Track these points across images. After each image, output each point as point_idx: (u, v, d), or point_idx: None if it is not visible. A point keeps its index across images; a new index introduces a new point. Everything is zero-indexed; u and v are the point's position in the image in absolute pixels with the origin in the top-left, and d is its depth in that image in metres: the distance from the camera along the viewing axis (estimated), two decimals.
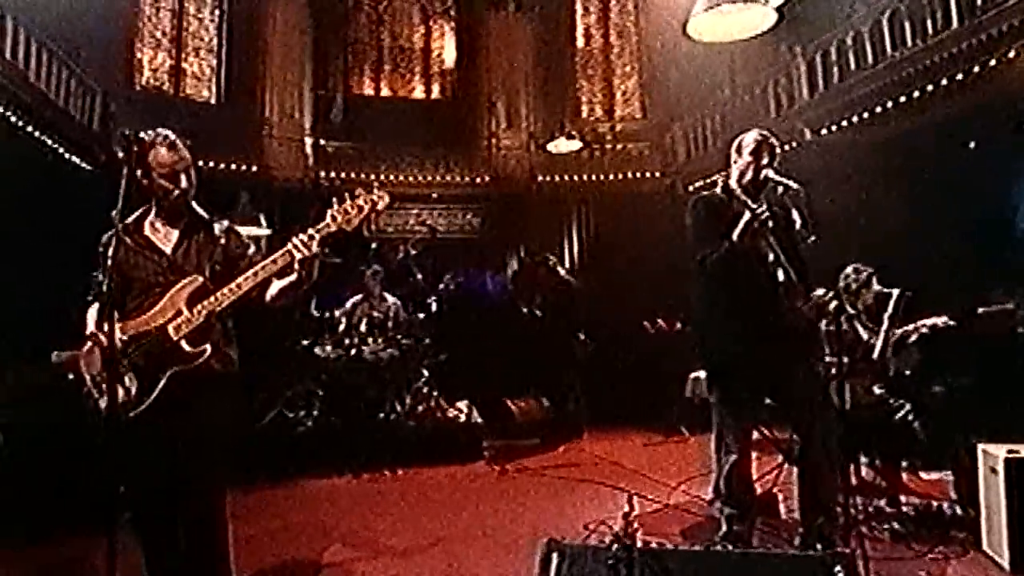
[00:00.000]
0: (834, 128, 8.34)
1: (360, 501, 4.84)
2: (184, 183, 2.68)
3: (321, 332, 5.97)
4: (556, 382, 6.80)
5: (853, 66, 8.06)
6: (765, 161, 3.06)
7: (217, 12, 11.66)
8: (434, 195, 12.55)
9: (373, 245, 6.68)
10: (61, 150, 9.07)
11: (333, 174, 12.05)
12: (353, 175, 12.09)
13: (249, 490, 4.65)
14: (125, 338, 2.56)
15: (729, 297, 3.06)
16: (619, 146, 12.44)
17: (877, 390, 4.10)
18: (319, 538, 3.93)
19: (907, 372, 4.05)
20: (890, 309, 4.25)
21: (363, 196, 2.63)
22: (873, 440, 4.14)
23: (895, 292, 4.34)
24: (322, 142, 12.17)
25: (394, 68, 12.83)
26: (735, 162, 3.19)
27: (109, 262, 2.44)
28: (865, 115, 7.91)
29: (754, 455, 3.25)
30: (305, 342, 5.93)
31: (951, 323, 4.15)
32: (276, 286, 2.67)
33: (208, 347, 2.61)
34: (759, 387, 3.12)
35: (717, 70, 10.66)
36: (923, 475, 4.50)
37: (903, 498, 4.08)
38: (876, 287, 4.49)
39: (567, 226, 12.49)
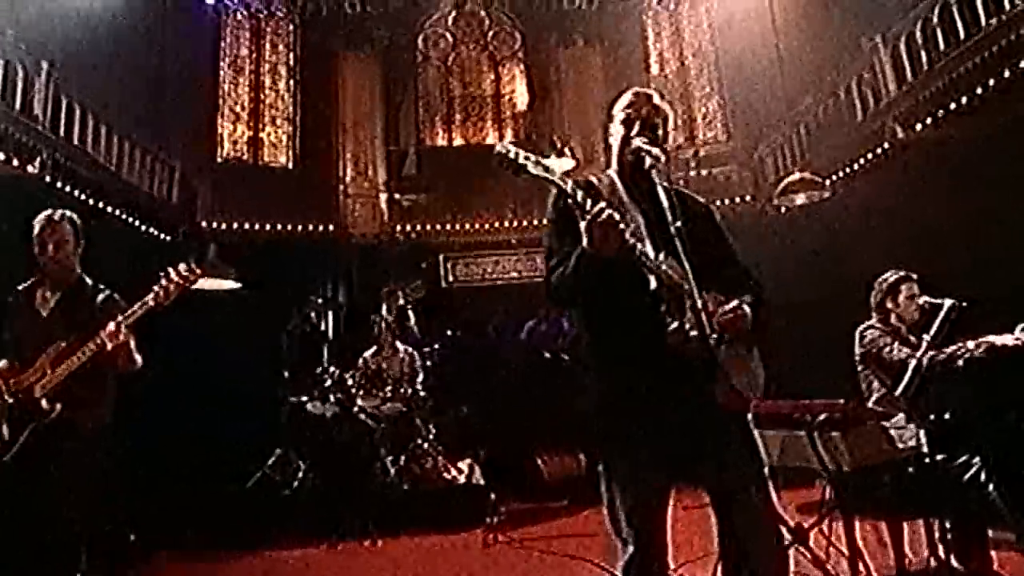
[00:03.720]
0: (928, 121, 7.05)
1: (332, 574, 4.32)
2: (52, 253, 2.97)
3: (317, 387, 5.57)
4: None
5: (943, 44, 6.81)
6: (636, 129, 2.29)
7: (292, 81, 12.08)
8: (512, 240, 12.13)
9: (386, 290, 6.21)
10: (144, 226, 9.53)
11: (409, 227, 11.99)
12: (429, 227, 12.01)
13: (216, 556, 4.39)
14: (6, 390, 2.87)
15: (600, 323, 2.28)
16: (704, 172, 11.46)
17: (909, 432, 3.02)
18: None
19: (951, 410, 2.94)
20: (935, 325, 3.19)
21: (175, 272, 2.88)
22: (928, 502, 3.06)
23: (946, 303, 3.28)
24: (396, 196, 12.16)
25: (465, 117, 12.70)
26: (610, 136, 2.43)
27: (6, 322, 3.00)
28: (963, 100, 6.60)
29: None
30: (301, 398, 5.54)
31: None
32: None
33: (58, 405, 2.80)
34: (654, 440, 2.23)
35: (798, 78, 9.60)
36: None
37: None
38: (922, 298, 3.44)
39: None
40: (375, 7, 11.85)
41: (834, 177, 8.52)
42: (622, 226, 2.00)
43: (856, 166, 8.25)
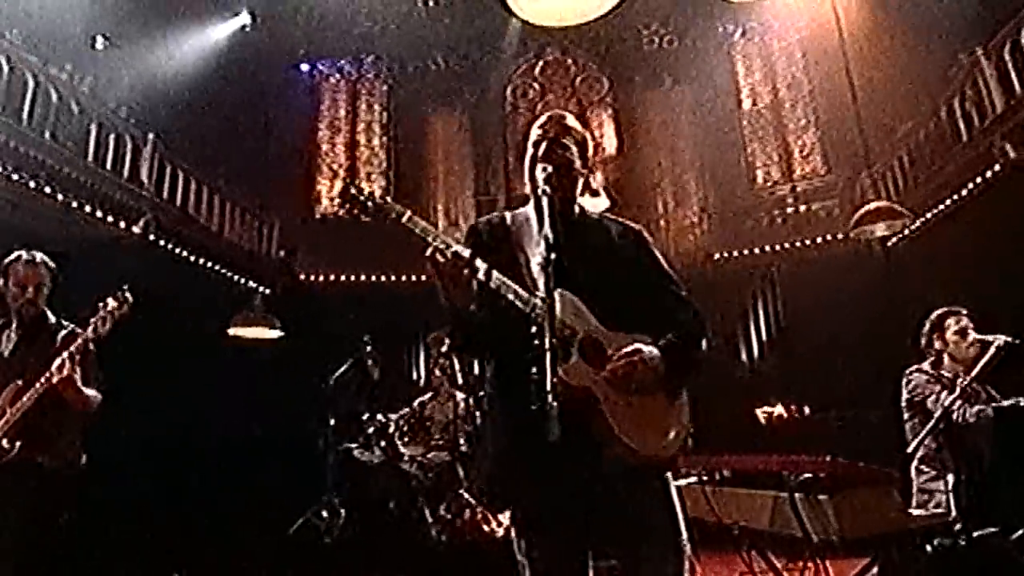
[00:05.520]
0: None
1: None
2: (32, 295, 3.01)
3: (363, 434, 5.56)
4: None
5: None
6: (543, 150, 2.09)
7: (385, 137, 12.58)
8: None
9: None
10: (244, 280, 10.13)
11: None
12: None
13: None
14: None
15: (494, 374, 2.07)
16: (802, 208, 10.81)
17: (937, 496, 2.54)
18: None
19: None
20: (980, 364, 2.71)
21: (109, 304, 2.94)
22: None
23: (998, 340, 2.79)
24: None
25: None
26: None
27: None
28: None
29: None
30: (349, 445, 5.56)
31: None
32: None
33: (18, 444, 2.78)
34: (551, 505, 1.96)
35: (897, 101, 8.89)
36: None
37: None
38: (973, 335, 2.96)
39: (751, 304, 10.96)
40: (461, 63, 12.19)
41: (941, 206, 7.75)
42: (480, 270, 1.82)
43: (964, 192, 7.47)
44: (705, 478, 2.96)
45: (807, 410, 5.61)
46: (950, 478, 2.69)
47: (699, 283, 11.05)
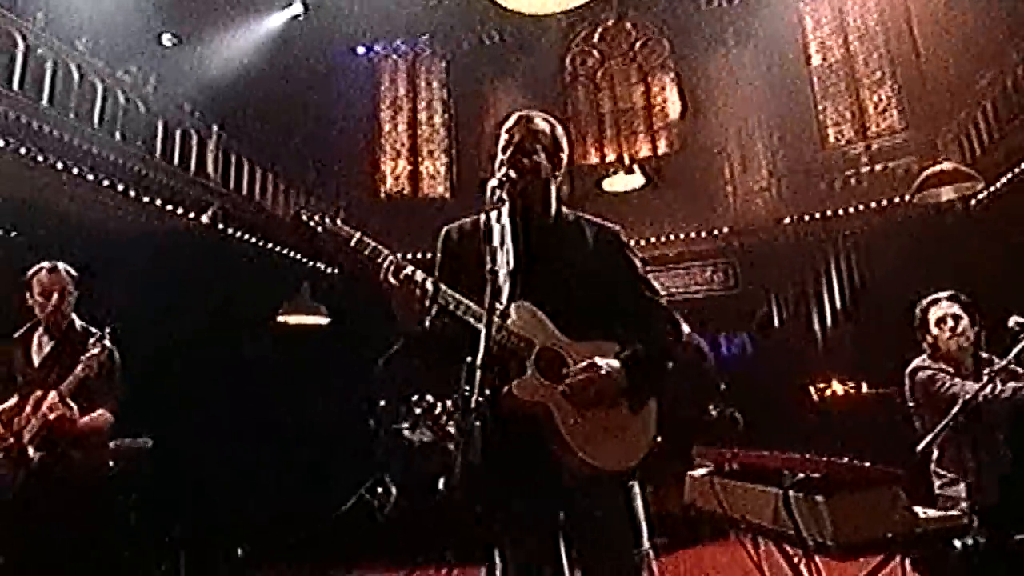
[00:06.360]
0: None
1: None
2: (57, 302, 3.09)
3: (411, 415, 5.73)
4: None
5: None
6: (508, 154, 2.06)
7: (446, 115, 12.65)
8: (670, 254, 11.65)
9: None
10: (311, 262, 10.48)
11: None
12: None
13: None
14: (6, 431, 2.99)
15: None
16: (877, 167, 10.22)
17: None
18: None
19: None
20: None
21: (95, 346, 2.98)
22: None
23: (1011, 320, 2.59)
24: None
25: (617, 132, 12.45)
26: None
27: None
28: None
29: None
30: (400, 425, 5.74)
31: None
32: None
33: (39, 454, 2.90)
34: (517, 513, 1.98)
35: (983, 47, 8.23)
36: None
37: None
38: (962, 324, 2.78)
39: (824, 270, 10.51)
40: (516, 35, 12.06)
41: None
42: (431, 289, 1.84)
43: None
44: (714, 471, 2.92)
45: (864, 387, 5.35)
46: (971, 480, 2.54)
47: (768, 250, 10.70)
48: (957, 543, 2.34)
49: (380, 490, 5.51)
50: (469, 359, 1.69)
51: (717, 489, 2.83)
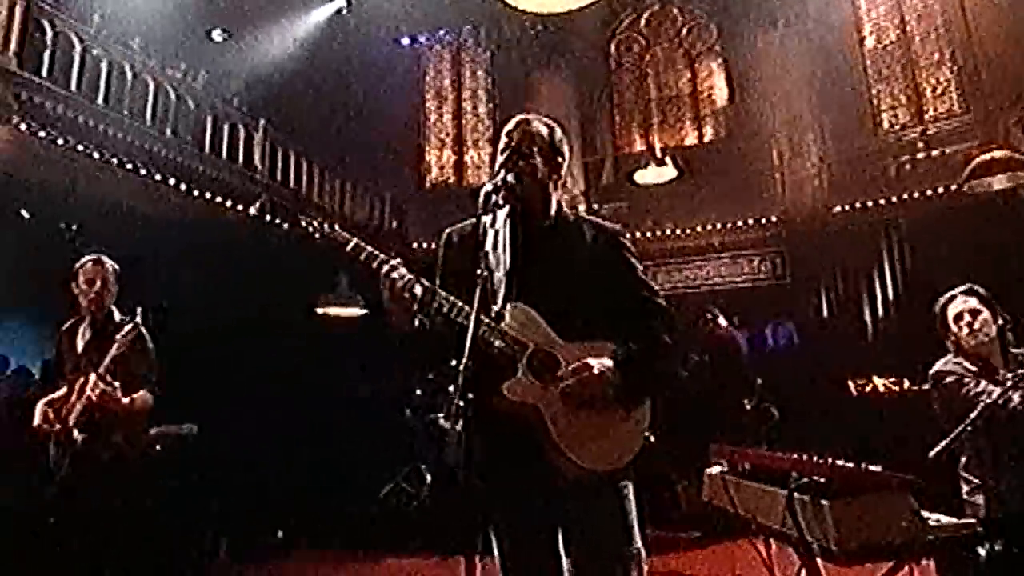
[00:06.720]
0: None
1: None
2: (99, 291, 3.26)
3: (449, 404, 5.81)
4: None
5: None
6: (504, 158, 2.09)
7: (491, 104, 12.68)
8: (716, 243, 11.49)
9: None
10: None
11: None
12: (630, 235, 11.83)
13: (339, 564, 4.87)
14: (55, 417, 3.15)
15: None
16: (935, 152, 9.83)
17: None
18: None
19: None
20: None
21: (124, 333, 3.10)
22: None
23: None
24: (595, 206, 12.11)
25: (663, 119, 12.28)
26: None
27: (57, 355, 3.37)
28: None
29: None
30: (436, 415, 5.84)
31: None
32: None
33: (82, 436, 3.07)
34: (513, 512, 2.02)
35: None
36: None
37: None
38: (980, 320, 2.68)
39: (876, 260, 10.20)
40: (561, 22, 11.97)
41: None
42: (425, 293, 1.89)
43: None
44: (727, 470, 2.91)
45: (907, 383, 5.20)
46: (994, 486, 2.46)
47: (818, 240, 10.43)
48: (982, 551, 2.28)
49: (415, 478, 5.63)
50: (454, 362, 1.74)
51: (729, 488, 2.82)
